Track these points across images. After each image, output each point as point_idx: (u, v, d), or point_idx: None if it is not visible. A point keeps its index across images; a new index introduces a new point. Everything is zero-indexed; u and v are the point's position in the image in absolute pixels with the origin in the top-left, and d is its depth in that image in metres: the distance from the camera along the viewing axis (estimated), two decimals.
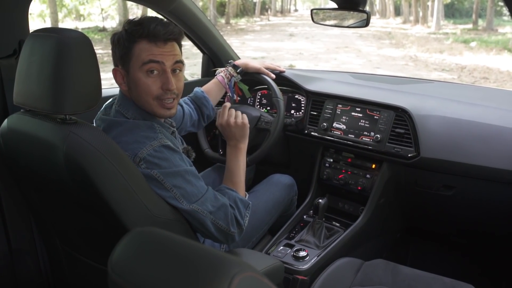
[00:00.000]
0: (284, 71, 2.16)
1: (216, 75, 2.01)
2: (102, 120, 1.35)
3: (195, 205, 1.29)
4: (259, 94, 2.35)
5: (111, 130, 1.30)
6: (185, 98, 1.90)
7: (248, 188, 1.97)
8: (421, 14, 23.00)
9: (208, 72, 2.59)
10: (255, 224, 1.75)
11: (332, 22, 1.90)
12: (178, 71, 1.35)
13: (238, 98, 2.08)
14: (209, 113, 1.93)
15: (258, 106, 2.34)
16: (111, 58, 1.36)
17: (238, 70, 2.00)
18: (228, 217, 1.36)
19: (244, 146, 1.64)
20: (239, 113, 1.68)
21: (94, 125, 1.37)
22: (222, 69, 2.02)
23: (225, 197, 1.41)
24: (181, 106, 1.81)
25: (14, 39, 1.47)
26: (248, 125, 1.67)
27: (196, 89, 1.95)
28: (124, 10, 17.83)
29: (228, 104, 1.70)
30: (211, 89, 1.96)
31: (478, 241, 2.12)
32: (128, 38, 1.28)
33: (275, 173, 2.04)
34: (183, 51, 1.39)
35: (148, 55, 1.27)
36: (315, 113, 2.08)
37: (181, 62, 1.34)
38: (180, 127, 1.79)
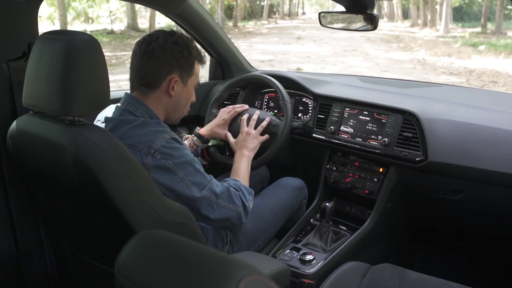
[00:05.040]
0: (247, 109, 1.99)
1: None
2: (109, 120, 1.42)
3: (204, 192, 1.41)
4: (267, 97, 2.35)
5: (119, 128, 1.37)
6: None
7: (258, 192, 1.97)
8: (429, 17, 22.94)
9: (215, 75, 2.60)
10: (261, 227, 1.75)
11: (339, 25, 1.89)
12: None
13: (205, 163, 2.02)
14: None
15: (266, 109, 2.34)
16: (119, 61, 1.40)
17: (203, 140, 1.93)
18: (232, 197, 1.50)
19: (251, 155, 1.80)
20: (261, 128, 1.87)
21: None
22: (188, 136, 1.97)
23: (229, 184, 1.56)
24: None
25: (24, 41, 1.49)
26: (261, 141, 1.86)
27: None
28: (133, 13, 17.94)
29: (245, 117, 1.90)
30: None
31: (486, 246, 2.10)
32: (192, 57, 1.47)
33: (285, 176, 2.04)
34: None
35: (199, 77, 1.54)
36: (322, 116, 2.08)
37: None
38: None
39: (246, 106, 2.00)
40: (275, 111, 2.31)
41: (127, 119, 1.38)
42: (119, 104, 1.45)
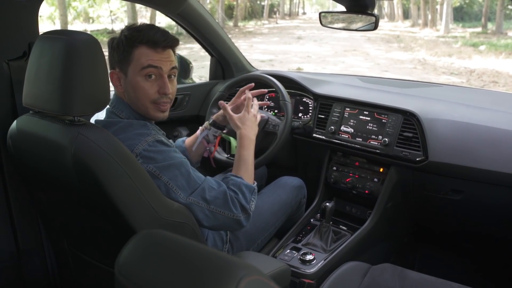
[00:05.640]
0: (265, 92, 1.86)
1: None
2: (97, 123, 1.40)
3: (191, 198, 1.33)
4: (267, 97, 2.35)
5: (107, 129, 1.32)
6: None
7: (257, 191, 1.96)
8: (430, 17, 22.93)
9: (216, 75, 2.60)
10: (260, 226, 1.74)
11: (340, 25, 1.89)
12: (173, 76, 1.41)
13: (216, 151, 1.91)
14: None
15: (266, 109, 2.34)
16: None
17: (211, 123, 1.82)
18: (228, 203, 1.39)
19: (254, 139, 1.65)
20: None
21: None
22: (203, 126, 1.85)
23: (228, 184, 1.45)
24: None
25: (24, 41, 1.49)
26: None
27: (178, 140, 1.88)
28: (133, 12, 17.92)
29: (255, 100, 1.75)
30: (192, 144, 1.85)
31: (486, 246, 2.10)
32: (128, 43, 1.34)
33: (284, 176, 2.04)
34: (191, 53, 1.43)
35: (148, 60, 1.34)
36: (322, 116, 2.08)
37: (175, 68, 1.42)
38: None
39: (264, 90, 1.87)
40: (276, 111, 2.31)
41: (113, 121, 1.36)
42: (109, 106, 1.43)
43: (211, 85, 2.53)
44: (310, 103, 2.19)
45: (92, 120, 1.46)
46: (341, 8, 1.71)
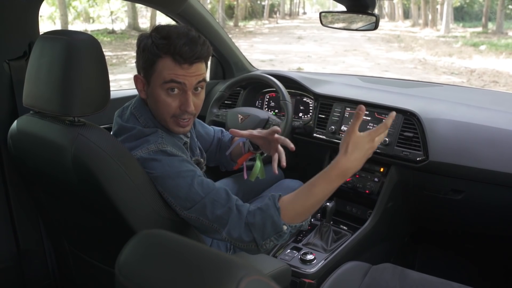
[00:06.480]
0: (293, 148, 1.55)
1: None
2: (116, 121, 1.34)
3: (189, 213, 1.20)
4: (267, 97, 2.35)
5: (120, 134, 1.30)
6: (219, 130, 1.78)
7: (257, 194, 1.95)
8: (430, 17, 22.93)
9: (216, 75, 2.60)
10: None
11: (340, 25, 1.89)
12: (199, 89, 1.29)
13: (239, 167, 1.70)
14: (225, 162, 1.76)
15: (266, 109, 2.34)
16: (120, 61, 1.37)
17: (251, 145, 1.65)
18: (231, 225, 1.19)
19: (348, 177, 1.31)
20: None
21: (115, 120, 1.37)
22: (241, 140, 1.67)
23: (257, 205, 1.23)
24: (213, 133, 1.76)
25: (24, 41, 1.49)
26: None
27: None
28: (133, 12, 17.94)
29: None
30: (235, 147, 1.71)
31: (486, 246, 2.10)
32: (153, 51, 1.22)
33: (285, 178, 2.03)
34: None
35: (170, 74, 1.21)
36: (323, 116, 2.08)
37: (204, 80, 1.28)
38: (208, 150, 1.72)
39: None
40: (276, 110, 2.31)
41: (127, 127, 1.29)
42: (132, 101, 1.36)
43: (212, 85, 2.53)
44: (310, 103, 2.19)
45: (116, 115, 1.40)
46: (342, 8, 1.71)
